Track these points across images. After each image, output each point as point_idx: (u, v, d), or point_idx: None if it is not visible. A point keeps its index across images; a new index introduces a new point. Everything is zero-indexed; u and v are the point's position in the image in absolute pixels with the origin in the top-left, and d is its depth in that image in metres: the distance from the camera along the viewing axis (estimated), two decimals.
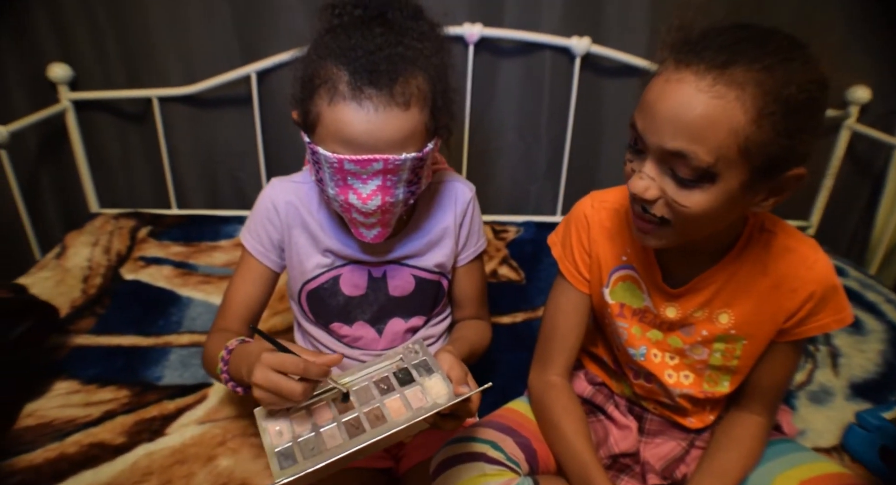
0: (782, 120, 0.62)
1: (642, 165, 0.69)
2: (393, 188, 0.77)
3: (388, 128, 0.72)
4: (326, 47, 0.74)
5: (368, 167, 0.73)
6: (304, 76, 0.76)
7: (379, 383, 0.72)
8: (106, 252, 1.40)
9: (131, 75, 1.51)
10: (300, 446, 0.65)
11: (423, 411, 0.68)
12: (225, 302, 0.92)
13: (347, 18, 0.78)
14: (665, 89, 0.64)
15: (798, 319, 0.78)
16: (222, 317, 0.91)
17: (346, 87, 0.71)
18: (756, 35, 0.64)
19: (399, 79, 0.71)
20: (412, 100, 0.73)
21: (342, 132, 0.72)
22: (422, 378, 0.72)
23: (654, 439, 0.93)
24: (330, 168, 0.75)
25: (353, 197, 0.77)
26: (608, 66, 1.50)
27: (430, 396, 0.70)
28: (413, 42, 0.74)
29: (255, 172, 1.63)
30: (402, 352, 0.76)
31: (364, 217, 0.79)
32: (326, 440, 0.66)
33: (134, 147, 1.61)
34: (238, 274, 0.92)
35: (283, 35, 1.46)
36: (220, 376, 0.79)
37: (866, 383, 1.14)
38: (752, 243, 0.79)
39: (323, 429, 0.67)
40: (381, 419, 0.68)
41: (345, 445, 0.65)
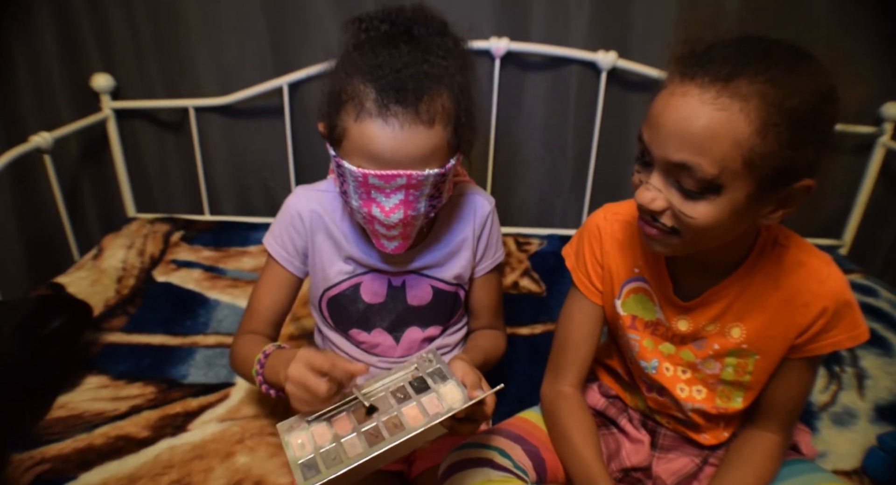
0: (787, 131, 0.61)
1: (649, 177, 0.69)
2: (415, 202, 0.79)
3: (412, 145, 0.74)
4: (353, 64, 0.76)
5: (392, 182, 0.75)
6: (331, 91, 0.78)
7: (395, 393, 0.74)
8: (140, 255, 1.46)
9: (169, 86, 1.58)
10: (322, 457, 0.67)
11: (439, 415, 0.69)
12: (251, 306, 0.94)
13: (374, 33, 0.80)
14: (670, 102, 0.65)
15: (811, 336, 0.77)
16: (249, 320, 0.94)
17: (372, 104, 0.73)
18: (760, 47, 0.64)
19: (424, 97, 0.73)
20: (436, 117, 0.74)
21: (368, 148, 0.74)
22: (437, 385, 0.74)
23: (668, 454, 0.92)
24: (354, 181, 0.77)
25: (377, 210, 0.78)
26: (634, 80, 1.50)
27: (446, 402, 0.72)
28: (438, 60, 0.76)
29: (285, 180, 1.67)
30: (417, 361, 0.78)
31: (386, 229, 0.81)
32: (347, 449, 0.68)
33: (170, 155, 1.67)
34: (263, 279, 0.95)
35: (315, 48, 1.51)
36: (254, 377, 0.82)
37: (892, 405, 1.10)
38: (764, 257, 0.78)
39: (343, 439, 0.69)
40: (400, 427, 0.70)
41: (364, 452, 0.67)
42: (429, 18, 0.80)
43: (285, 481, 0.94)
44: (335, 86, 0.78)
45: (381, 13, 0.81)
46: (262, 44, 1.53)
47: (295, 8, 1.47)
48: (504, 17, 1.46)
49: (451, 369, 0.75)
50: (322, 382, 0.68)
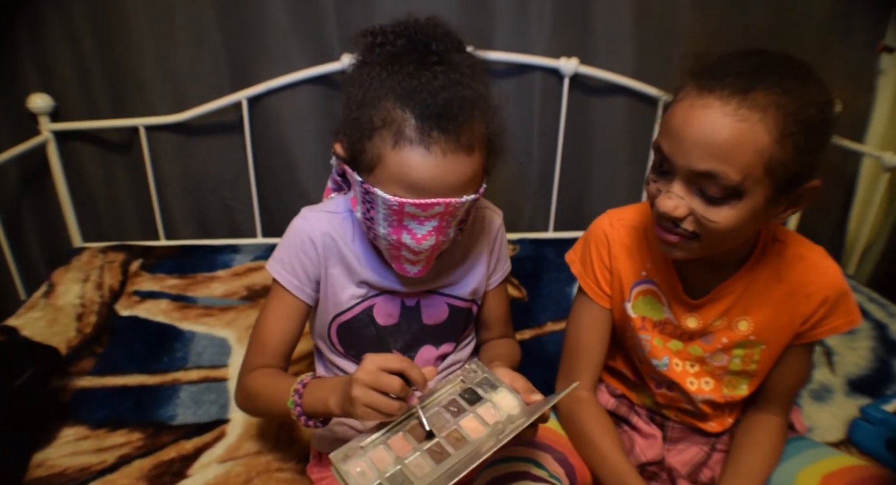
0: (803, 139, 0.66)
1: (670, 185, 0.72)
2: (447, 228, 0.77)
3: (454, 173, 0.72)
4: (383, 85, 0.72)
5: (429, 210, 0.73)
6: (359, 115, 0.73)
7: (448, 407, 0.73)
8: (98, 288, 1.35)
9: (115, 104, 1.47)
10: (390, 481, 0.64)
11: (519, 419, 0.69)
12: (260, 339, 0.88)
13: (391, 48, 0.77)
14: (690, 114, 0.68)
15: (813, 323, 0.83)
16: (260, 354, 0.87)
17: (413, 131, 0.70)
18: (773, 61, 0.69)
19: (464, 123, 0.71)
20: (475, 144, 0.73)
21: (408, 177, 0.71)
22: (489, 394, 0.74)
23: (677, 445, 0.96)
24: (387, 209, 0.74)
25: (407, 237, 0.76)
26: (595, 85, 1.54)
27: (503, 409, 0.72)
28: (469, 80, 0.73)
29: (247, 199, 1.60)
30: (462, 374, 0.77)
31: (414, 255, 0.79)
32: (414, 470, 0.66)
33: (119, 178, 1.56)
34: (271, 309, 0.89)
35: (275, 61, 1.45)
36: (290, 409, 0.76)
37: (862, 379, 1.20)
38: (766, 254, 0.83)
39: (407, 460, 0.67)
40: (462, 441, 0.69)
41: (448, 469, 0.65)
42: (446, 33, 0.77)
43: None
44: (364, 109, 0.73)
45: (397, 27, 0.77)
46: (217, 58, 1.46)
47: (252, 21, 1.41)
48: (469, 25, 1.46)
49: (498, 377, 0.75)
50: (396, 379, 0.65)
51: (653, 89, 1.54)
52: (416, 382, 0.67)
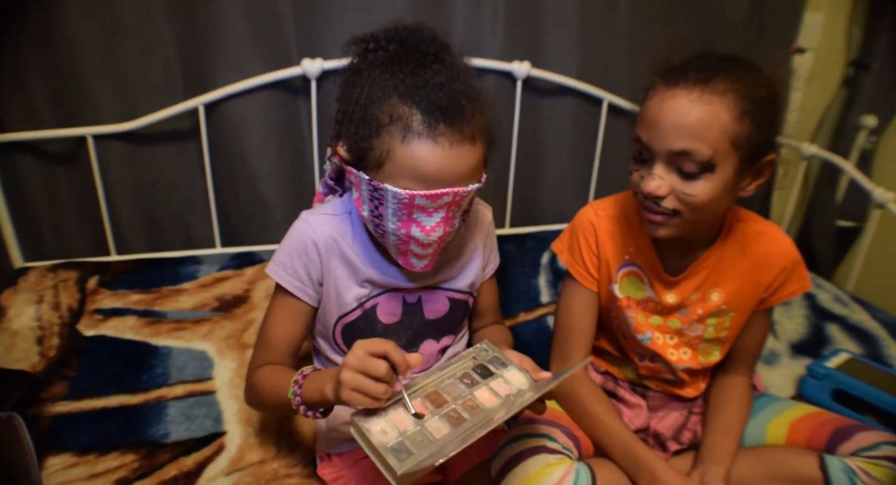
0: (759, 116, 0.79)
1: (651, 169, 0.83)
2: (453, 218, 0.81)
3: (460, 163, 0.76)
4: (385, 85, 0.76)
5: (438, 201, 0.77)
6: (364, 114, 0.77)
7: (462, 379, 0.79)
8: (55, 309, 1.27)
9: (59, 113, 1.38)
10: (410, 440, 0.68)
11: (533, 390, 0.75)
12: (266, 340, 0.90)
13: (383, 53, 0.80)
14: (663, 105, 0.80)
15: (773, 290, 0.96)
16: (265, 354, 0.89)
17: (420, 125, 0.74)
18: (724, 58, 0.82)
19: (466, 115, 0.76)
20: (476, 135, 0.78)
21: (418, 169, 0.75)
22: (500, 371, 0.80)
23: (658, 412, 1.06)
24: (397, 203, 0.77)
25: (416, 230, 0.79)
26: (546, 87, 1.63)
27: (513, 384, 0.78)
28: (466, 78, 0.79)
29: (203, 209, 1.55)
30: (474, 352, 0.83)
31: (422, 248, 0.82)
32: (434, 432, 0.70)
33: (63, 192, 1.46)
34: (275, 313, 0.91)
35: (230, 67, 1.42)
36: (290, 400, 0.78)
37: (801, 342, 1.36)
38: (731, 232, 0.95)
39: (427, 422, 0.71)
40: (476, 408, 0.74)
41: (470, 430, 0.69)
42: (433, 37, 0.83)
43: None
44: (368, 109, 0.77)
45: (387, 33, 0.82)
46: (169, 64, 1.40)
47: (206, 25, 1.37)
48: None
49: (507, 356, 0.82)
50: (382, 363, 0.68)
51: (597, 90, 1.65)
52: (398, 365, 0.70)
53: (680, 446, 1.01)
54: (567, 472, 0.85)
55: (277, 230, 1.58)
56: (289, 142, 1.53)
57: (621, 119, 1.73)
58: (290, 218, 1.55)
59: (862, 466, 0.85)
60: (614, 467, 0.91)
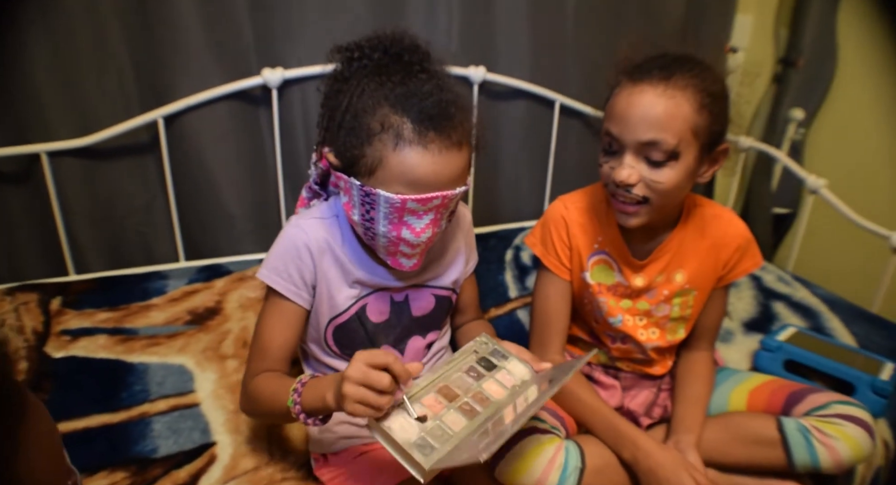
0: (715, 108, 0.88)
1: (621, 160, 0.90)
2: (441, 220, 0.85)
3: (449, 167, 0.79)
4: (378, 94, 0.79)
5: (428, 204, 0.80)
6: (354, 124, 0.80)
7: (468, 373, 0.82)
8: (19, 332, 1.22)
9: (10, 130, 1.34)
10: (430, 434, 0.71)
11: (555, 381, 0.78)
12: (261, 347, 0.90)
13: (368, 61, 0.83)
14: (631, 100, 0.88)
15: (730, 267, 1.05)
16: (260, 361, 0.90)
17: (411, 133, 0.77)
18: (681, 57, 0.91)
19: (454, 122, 0.79)
20: (463, 140, 0.81)
21: (410, 175, 0.78)
22: (501, 363, 0.84)
23: (630, 392, 1.13)
24: (389, 208, 0.80)
25: (407, 232, 0.82)
26: (501, 90, 1.69)
27: (517, 375, 0.82)
28: (451, 85, 0.82)
29: (164, 223, 1.53)
30: (475, 345, 0.86)
31: (411, 249, 0.85)
32: (452, 425, 0.73)
33: (16, 212, 1.41)
34: (269, 318, 0.91)
35: (188, 78, 1.41)
36: (290, 408, 0.79)
37: (752, 320, 1.46)
38: (690, 216, 1.03)
39: (444, 416, 0.74)
40: (487, 401, 0.78)
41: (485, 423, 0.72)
42: (415, 45, 0.86)
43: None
44: (359, 118, 0.79)
45: (371, 41, 0.85)
46: (124, 76, 1.38)
47: (162, 35, 1.36)
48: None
49: (506, 348, 0.86)
50: (385, 376, 0.69)
51: (549, 92, 1.72)
52: (400, 376, 0.71)
53: (651, 421, 1.09)
54: (558, 449, 0.90)
55: (242, 241, 1.58)
56: (251, 152, 1.53)
57: (573, 119, 1.82)
58: (254, 228, 1.58)
59: (815, 424, 0.94)
60: (599, 443, 0.97)
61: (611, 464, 0.95)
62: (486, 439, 0.70)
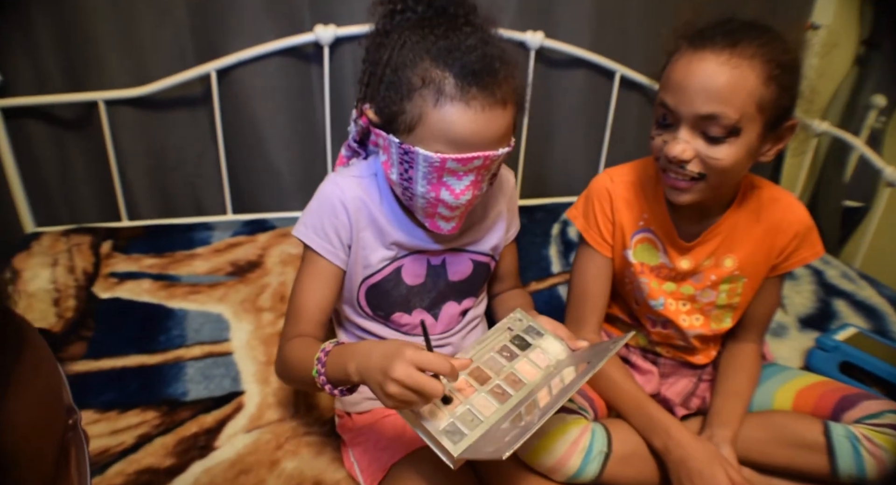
0: (785, 80, 0.80)
1: (675, 134, 0.83)
2: (481, 182, 0.81)
3: (491, 127, 0.76)
4: (419, 48, 0.75)
5: (469, 165, 0.76)
6: (395, 78, 0.76)
7: (501, 352, 0.78)
8: (70, 272, 1.28)
9: (68, 78, 1.37)
10: (460, 420, 0.68)
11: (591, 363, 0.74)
12: (296, 308, 0.88)
13: (411, 14, 0.80)
14: (690, 67, 0.80)
15: (786, 255, 0.97)
16: (295, 324, 0.87)
17: (453, 89, 0.74)
18: (748, 23, 0.82)
19: (498, 79, 0.75)
20: (508, 98, 0.77)
21: (450, 132, 0.75)
22: (536, 341, 0.80)
23: (668, 379, 1.07)
24: (428, 167, 0.77)
25: (446, 194, 0.79)
26: (558, 58, 1.62)
27: (551, 354, 0.78)
28: (496, 40, 0.78)
29: (214, 176, 1.55)
30: (509, 322, 0.82)
31: (450, 211, 0.82)
32: (482, 410, 0.70)
33: (73, 157, 1.46)
34: (306, 277, 0.89)
35: (242, 33, 1.40)
36: (314, 378, 0.76)
37: (809, 317, 1.37)
38: (746, 198, 0.96)
39: (473, 400, 0.71)
40: (519, 383, 0.74)
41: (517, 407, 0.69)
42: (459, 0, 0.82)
43: (342, 476, 0.92)
44: (399, 72, 0.76)
45: None
46: (180, 29, 1.39)
47: None
48: None
49: (541, 324, 0.82)
50: (438, 385, 0.64)
51: (610, 62, 1.64)
52: (450, 378, 0.67)
53: (687, 411, 1.03)
54: (584, 431, 0.87)
55: (288, 198, 1.58)
56: (300, 109, 1.52)
57: (633, 92, 1.73)
58: (301, 186, 1.59)
59: (866, 433, 0.87)
60: (629, 428, 0.93)
61: (638, 453, 0.91)
62: (513, 430, 0.66)
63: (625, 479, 0.90)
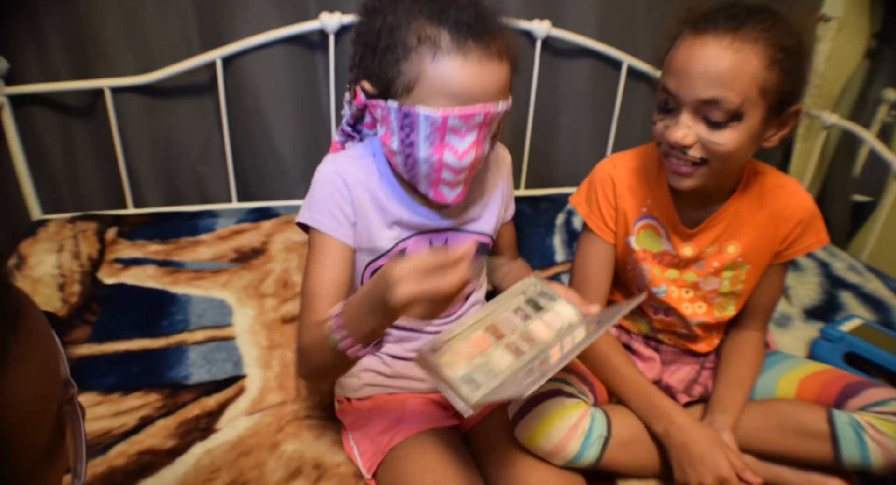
0: (788, 65, 0.79)
1: (677, 119, 0.82)
2: (483, 142, 0.81)
3: (490, 78, 0.76)
4: (414, 9, 0.77)
5: (470, 121, 0.76)
6: (389, 41, 0.77)
7: (516, 313, 0.81)
8: (76, 257, 1.28)
9: (75, 66, 1.38)
10: (477, 371, 0.71)
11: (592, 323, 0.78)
12: (310, 295, 0.83)
13: None
14: (692, 52, 0.79)
15: (789, 243, 0.96)
16: (311, 310, 0.82)
17: (449, 42, 0.74)
18: (751, 7, 0.81)
19: (493, 32, 0.76)
20: (503, 52, 0.78)
21: (449, 86, 0.75)
22: (549, 304, 0.82)
23: (670, 367, 1.07)
24: (429, 127, 0.76)
25: (449, 155, 0.79)
26: (565, 47, 1.61)
27: (564, 317, 0.80)
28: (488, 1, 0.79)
29: (219, 163, 1.55)
30: (522, 286, 0.84)
31: (454, 175, 0.81)
32: (498, 363, 0.72)
33: (80, 145, 1.47)
34: (317, 261, 0.85)
35: (247, 20, 1.41)
36: (335, 348, 0.69)
37: (814, 308, 1.36)
38: (750, 184, 0.95)
39: (490, 354, 0.73)
40: (532, 341, 0.77)
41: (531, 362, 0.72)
42: None
43: (342, 459, 0.93)
44: (395, 33, 0.77)
45: None
46: (185, 16, 1.39)
47: None
48: None
49: (554, 290, 0.84)
50: (447, 279, 0.60)
51: (617, 52, 1.63)
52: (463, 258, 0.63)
53: (690, 398, 1.03)
54: (583, 415, 0.86)
55: (293, 186, 1.59)
56: (306, 97, 1.53)
57: (640, 83, 1.72)
58: (305, 174, 1.58)
59: (870, 420, 0.86)
60: (630, 413, 0.92)
61: (639, 438, 0.91)
62: (531, 376, 0.69)
63: (624, 464, 0.90)
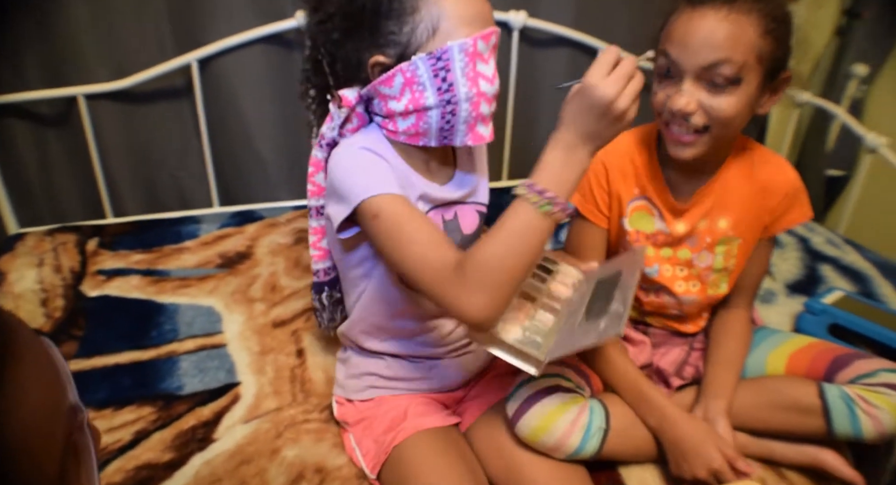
0: (781, 34, 0.83)
1: (679, 86, 0.85)
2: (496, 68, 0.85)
3: (488, 3, 0.82)
4: None
5: (489, 41, 0.80)
6: (394, 7, 0.78)
7: (534, 278, 0.88)
8: (57, 271, 1.26)
9: (48, 74, 1.35)
10: (532, 331, 0.77)
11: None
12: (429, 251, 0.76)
13: None
14: (691, 24, 0.84)
15: (776, 216, 0.99)
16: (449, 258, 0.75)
17: None
18: None
19: None
20: None
21: (469, 12, 0.79)
22: (555, 267, 0.89)
23: (659, 349, 1.08)
24: (464, 57, 0.77)
25: (484, 84, 0.79)
26: (542, 38, 1.61)
27: (570, 277, 0.89)
28: None
29: (198, 168, 1.53)
30: None
31: (489, 105, 0.82)
32: (545, 322, 0.79)
33: (55, 154, 1.44)
34: (406, 227, 0.77)
35: (221, 20, 1.38)
36: (548, 211, 0.71)
37: (796, 282, 1.39)
38: (738, 159, 0.97)
39: (535, 316, 0.80)
40: (559, 300, 0.85)
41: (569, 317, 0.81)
42: None
43: (343, 462, 0.93)
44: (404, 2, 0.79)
45: None
46: (159, 18, 1.37)
47: None
48: None
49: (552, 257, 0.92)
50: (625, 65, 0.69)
51: (594, 40, 1.63)
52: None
53: (682, 381, 1.04)
54: (582, 410, 0.87)
55: (275, 188, 1.57)
56: (285, 96, 1.50)
57: None
58: (288, 175, 1.57)
59: (860, 393, 0.88)
60: (625, 403, 0.94)
61: (636, 425, 0.92)
62: (600, 321, 0.74)
63: (623, 452, 0.92)
